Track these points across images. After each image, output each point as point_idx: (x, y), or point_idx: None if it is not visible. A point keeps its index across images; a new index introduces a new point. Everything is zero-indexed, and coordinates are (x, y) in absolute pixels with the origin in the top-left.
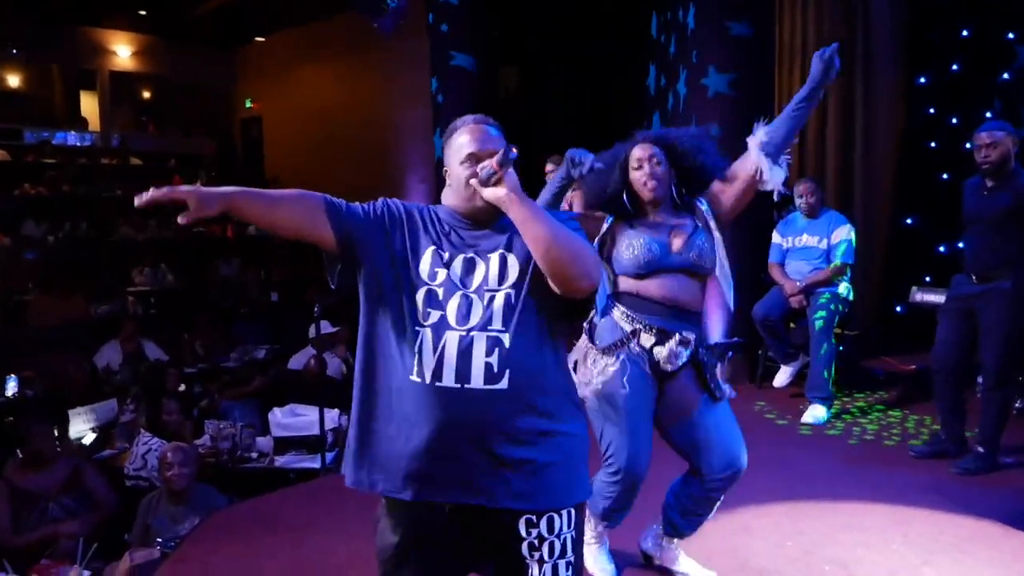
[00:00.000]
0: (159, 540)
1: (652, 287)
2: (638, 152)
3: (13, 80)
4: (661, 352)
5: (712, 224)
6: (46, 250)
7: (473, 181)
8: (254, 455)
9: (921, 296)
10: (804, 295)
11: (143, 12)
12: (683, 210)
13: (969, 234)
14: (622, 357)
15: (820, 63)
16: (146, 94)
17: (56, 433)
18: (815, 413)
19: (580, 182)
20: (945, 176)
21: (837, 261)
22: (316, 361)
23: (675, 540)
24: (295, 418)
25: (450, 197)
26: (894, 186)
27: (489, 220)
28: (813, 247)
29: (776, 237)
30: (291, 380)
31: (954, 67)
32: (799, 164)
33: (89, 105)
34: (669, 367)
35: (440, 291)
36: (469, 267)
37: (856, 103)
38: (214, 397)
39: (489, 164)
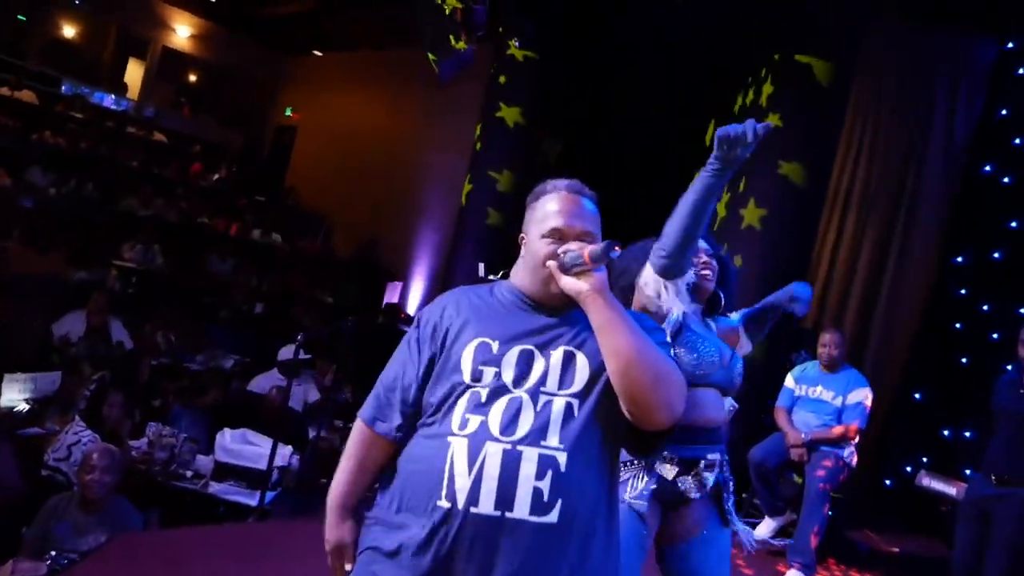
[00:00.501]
0: (52, 553)
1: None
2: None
3: (68, 31)
4: (687, 482)
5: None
6: (44, 201)
7: (551, 263)
8: (189, 474)
9: (928, 482)
10: (807, 450)
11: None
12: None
13: (998, 432)
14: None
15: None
16: (192, 77)
17: None
18: None
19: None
20: (964, 360)
21: (851, 424)
22: (279, 392)
23: None
24: (245, 446)
25: (521, 273)
26: (909, 357)
27: (561, 308)
28: (826, 402)
29: (789, 381)
30: (250, 403)
31: (995, 255)
32: (818, 311)
33: (135, 73)
34: (695, 495)
35: (484, 392)
36: (526, 361)
37: (888, 264)
38: (168, 399)
39: (578, 250)
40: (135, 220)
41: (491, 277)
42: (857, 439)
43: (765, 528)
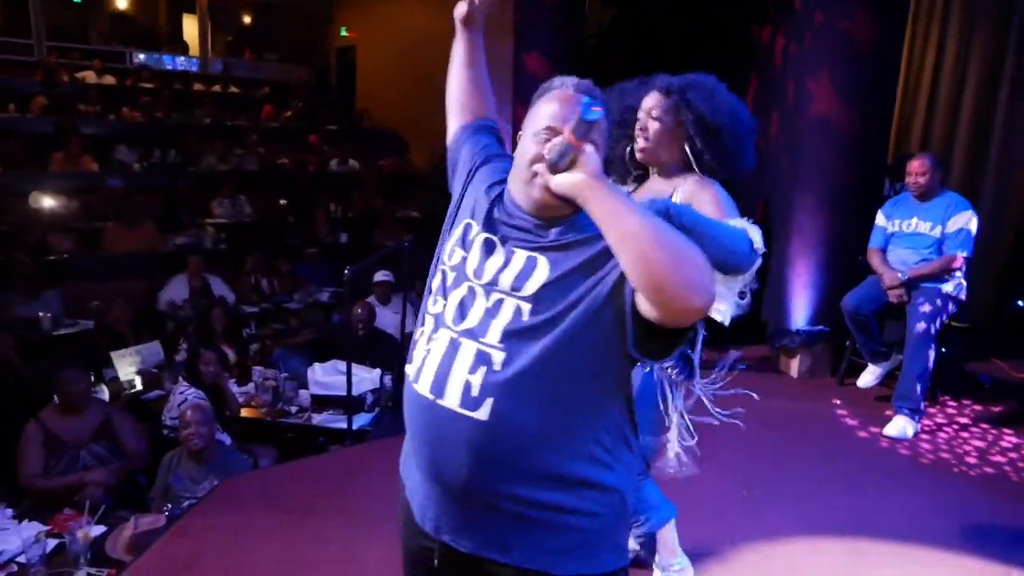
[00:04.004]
0: (168, 506)
1: None
2: (645, 101)
3: (120, 2)
4: None
5: None
6: (130, 177)
7: (538, 166)
8: (294, 409)
9: None
10: (906, 289)
11: None
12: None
13: None
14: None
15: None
16: (246, 19)
17: (92, 378)
18: (900, 426)
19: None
20: None
21: (952, 252)
22: (364, 309)
23: None
24: (335, 376)
25: (510, 178)
26: None
27: (550, 222)
28: (924, 234)
29: (880, 218)
30: (338, 334)
31: None
32: (923, 135)
33: (192, 29)
34: None
35: (452, 276)
36: (487, 251)
37: (1007, 64)
38: (266, 343)
39: (560, 139)
40: (217, 176)
41: None
42: (964, 268)
43: (870, 375)
